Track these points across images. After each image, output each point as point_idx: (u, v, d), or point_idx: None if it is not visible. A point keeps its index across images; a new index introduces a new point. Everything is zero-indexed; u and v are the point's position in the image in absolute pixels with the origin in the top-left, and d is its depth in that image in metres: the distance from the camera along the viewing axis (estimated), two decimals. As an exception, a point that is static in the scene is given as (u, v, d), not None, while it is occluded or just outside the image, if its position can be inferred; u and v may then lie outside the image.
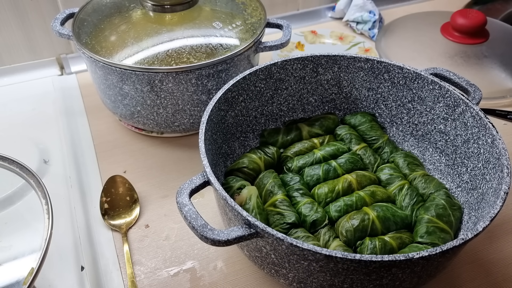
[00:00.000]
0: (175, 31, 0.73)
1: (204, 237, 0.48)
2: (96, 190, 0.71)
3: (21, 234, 0.55)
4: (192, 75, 0.69)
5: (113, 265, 0.62)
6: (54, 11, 0.92)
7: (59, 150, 0.78)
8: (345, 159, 0.66)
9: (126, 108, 0.74)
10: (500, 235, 0.66)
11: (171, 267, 0.62)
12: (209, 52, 0.71)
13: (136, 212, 0.68)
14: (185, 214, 0.49)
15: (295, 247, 0.46)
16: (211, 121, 0.61)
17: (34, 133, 0.81)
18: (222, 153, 0.67)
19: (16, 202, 0.58)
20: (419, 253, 0.45)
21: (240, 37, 0.74)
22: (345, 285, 0.49)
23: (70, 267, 0.62)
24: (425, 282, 0.53)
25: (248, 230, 0.48)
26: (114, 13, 0.77)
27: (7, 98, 0.89)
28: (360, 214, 0.58)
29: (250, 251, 0.54)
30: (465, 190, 0.62)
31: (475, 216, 0.57)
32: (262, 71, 0.68)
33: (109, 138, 0.81)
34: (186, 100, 0.72)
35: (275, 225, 0.59)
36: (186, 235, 0.65)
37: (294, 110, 0.75)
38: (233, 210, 0.50)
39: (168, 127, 0.76)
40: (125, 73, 0.68)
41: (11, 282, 0.49)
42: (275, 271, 0.53)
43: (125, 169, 0.75)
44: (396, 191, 0.63)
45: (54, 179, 0.73)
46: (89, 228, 0.67)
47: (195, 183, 0.53)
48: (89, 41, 0.72)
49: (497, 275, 0.61)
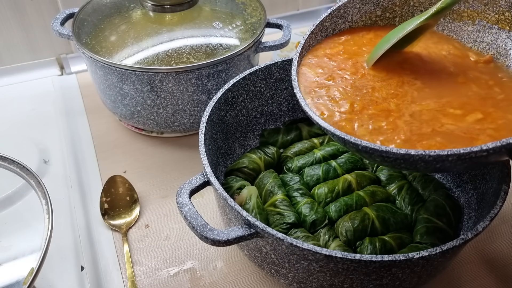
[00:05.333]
0: (175, 31, 0.73)
1: (204, 237, 0.48)
2: (96, 190, 0.71)
3: (21, 234, 0.55)
4: (192, 75, 0.69)
5: (113, 265, 0.62)
6: (54, 11, 0.92)
7: (59, 150, 0.78)
8: (345, 159, 0.66)
9: (126, 108, 0.74)
10: (500, 234, 0.66)
11: (171, 267, 0.62)
12: (209, 52, 0.71)
13: (136, 212, 0.68)
14: (185, 214, 0.50)
15: (295, 247, 0.46)
16: (211, 121, 0.61)
17: (34, 133, 0.81)
18: (222, 153, 0.67)
19: (16, 202, 0.58)
20: (419, 253, 0.45)
21: (240, 37, 0.74)
22: (345, 285, 0.49)
23: (70, 267, 0.62)
24: (425, 282, 0.53)
25: (248, 230, 0.48)
26: (114, 13, 0.77)
27: (7, 98, 0.89)
28: (360, 214, 0.58)
29: (250, 251, 0.54)
30: (465, 190, 0.62)
31: (475, 216, 0.57)
32: (262, 71, 0.68)
33: (109, 138, 0.81)
34: (186, 100, 0.72)
35: (275, 225, 0.59)
36: (186, 235, 0.65)
37: (294, 110, 0.75)
38: (233, 210, 0.50)
39: (168, 127, 0.76)
40: (125, 73, 0.68)
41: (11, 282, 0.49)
42: (275, 271, 0.53)
43: (125, 169, 0.75)
44: (396, 191, 0.63)
45: (54, 179, 0.73)
46: (89, 228, 0.67)
47: (195, 183, 0.53)
48: (89, 41, 0.72)
49: (497, 275, 0.61)
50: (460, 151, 0.40)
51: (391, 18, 0.62)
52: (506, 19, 0.55)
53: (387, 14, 0.61)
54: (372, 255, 0.45)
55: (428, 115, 0.49)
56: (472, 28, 0.58)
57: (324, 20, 0.58)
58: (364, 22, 0.61)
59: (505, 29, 0.55)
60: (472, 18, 0.58)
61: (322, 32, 0.59)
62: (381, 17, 0.61)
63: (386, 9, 0.61)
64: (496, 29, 0.56)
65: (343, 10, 0.59)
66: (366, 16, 0.61)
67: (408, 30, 0.52)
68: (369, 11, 0.60)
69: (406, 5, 0.61)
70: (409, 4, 0.61)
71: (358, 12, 0.60)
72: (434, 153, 0.41)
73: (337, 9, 0.59)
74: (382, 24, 0.62)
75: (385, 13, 0.61)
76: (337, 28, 0.60)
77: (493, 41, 0.57)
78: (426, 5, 0.60)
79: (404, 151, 0.42)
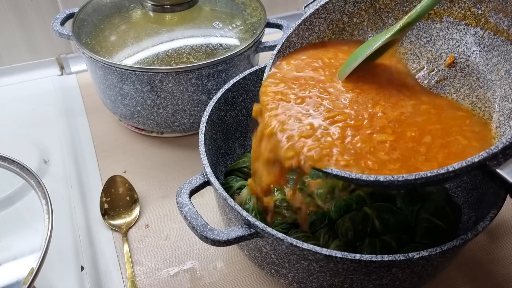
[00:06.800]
0: (175, 31, 0.73)
1: (204, 237, 0.48)
2: (96, 190, 0.71)
3: (21, 234, 0.55)
4: (192, 75, 0.69)
5: (113, 265, 0.62)
6: (54, 11, 0.92)
7: (59, 150, 0.78)
8: (345, 159, 0.66)
9: (126, 108, 0.74)
10: (500, 235, 0.66)
11: (171, 267, 0.62)
12: (209, 52, 0.71)
13: (136, 212, 0.68)
14: (185, 214, 0.50)
15: (295, 247, 0.46)
16: (211, 121, 0.61)
17: (34, 133, 0.81)
18: (222, 153, 0.67)
19: (16, 202, 0.58)
20: (419, 253, 0.45)
21: (240, 37, 0.74)
22: (345, 285, 0.49)
23: (70, 267, 0.62)
24: (425, 282, 0.53)
25: (248, 230, 0.48)
26: (114, 13, 0.77)
27: (7, 98, 0.89)
28: (360, 214, 0.58)
29: (250, 251, 0.54)
30: (465, 190, 0.62)
31: (475, 216, 0.57)
32: (262, 71, 0.68)
33: (109, 138, 0.81)
34: (186, 100, 0.72)
35: (275, 225, 0.59)
36: (186, 235, 0.65)
37: (294, 110, 0.75)
38: (233, 210, 0.50)
39: (168, 127, 0.76)
40: (125, 73, 0.68)
41: (11, 282, 0.49)
42: (275, 271, 0.53)
43: (125, 169, 0.75)
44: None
45: (54, 179, 0.73)
46: (89, 228, 0.67)
47: (195, 183, 0.53)
48: (89, 41, 0.72)
49: (497, 275, 0.61)
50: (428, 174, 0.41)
51: (359, 23, 0.61)
52: (472, 14, 0.55)
53: (355, 20, 0.60)
54: (372, 255, 0.45)
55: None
56: (440, 25, 0.58)
57: (291, 36, 0.58)
58: (332, 31, 0.60)
59: (472, 24, 0.55)
60: (439, 15, 0.58)
61: (290, 48, 0.59)
62: (349, 23, 0.60)
63: (352, 15, 0.60)
64: (464, 25, 0.56)
65: (309, 22, 0.59)
66: (333, 24, 0.60)
67: (374, 48, 0.53)
68: (335, 19, 0.60)
69: (372, 8, 0.60)
70: (375, 7, 0.60)
71: (325, 21, 0.59)
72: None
73: (303, 22, 0.58)
74: (350, 30, 0.61)
75: (352, 19, 0.60)
76: (305, 41, 0.60)
77: (462, 38, 0.56)
78: (392, 5, 0.60)
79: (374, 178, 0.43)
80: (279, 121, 0.50)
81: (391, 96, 0.54)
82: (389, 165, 0.46)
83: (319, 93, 0.53)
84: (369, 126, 0.50)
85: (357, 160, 0.46)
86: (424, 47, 0.59)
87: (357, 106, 0.52)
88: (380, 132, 0.49)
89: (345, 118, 0.50)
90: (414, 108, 0.53)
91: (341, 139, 0.48)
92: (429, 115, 0.52)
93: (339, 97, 0.53)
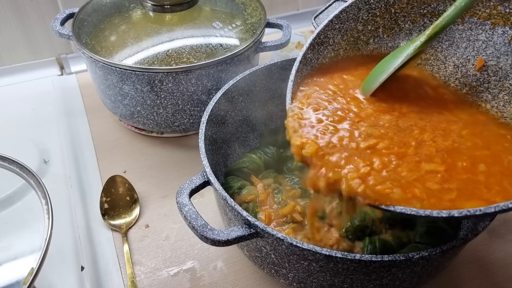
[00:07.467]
0: (175, 31, 0.73)
1: (204, 237, 0.48)
2: (96, 190, 0.71)
3: (21, 234, 0.55)
4: (192, 75, 0.69)
5: (113, 265, 0.62)
6: (54, 11, 0.92)
7: (59, 150, 0.78)
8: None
9: (126, 108, 0.74)
10: (500, 235, 0.66)
11: (171, 267, 0.62)
12: (209, 52, 0.71)
13: (136, 212, 0.68)
14: (185, 214, 0.50)
15: (295, 247, 0.46)
16: (211, 121, 0.61)
17: (34, 133, 0.81)
18: (222, 153, 0.67)
19: (16, 202, 0.58)
20: (419, 253, 0.45)
21: (240, 37, 0.74)
22: (345, 285, 0.49)
23: (70, 267, 0.62)
24: (425, 282, 0.53)
25: (248, 230, 0.48)
26: (114, 13, 0.77)
27: (7, 98, 0.89)
28: (360, 214, 0.58)
29: (250, 251, 0.54)
30: (465, 190, 0.62)
31: (475, 216, 0.57)
32: (262, 71, 0.68)
33: (109, 138, 0.81)
34: (186, 100, 0.72)
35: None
36: (186, 235, 0.65)
37: (294, 110, 0.75)
38: (233, 210, 0.50)
39: (168, 127, 0.76)
40: (125, 73, 0.68)
41: (11, 282, 0.49)
42: (275, 271, 0.53)
43: (125, 169, 0.75)
44: (396, 191, 0.63)
45: (54, 179, 0.73)
46: (89, 228, 0.67)
47: (195, 183, 0.53)
48: (89, 41, 0.72)
49: (497, 275, 0.61)
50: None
51: (374, 30, 0.59)
52: (498, 13, 0.53)
53: (369, 27, 0.58)
54: (372, 255, 0.45)
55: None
56: (462, 26, 0.55)
57: (306, 53, 0.55)
58: (347, 41, 0.58)
59: (500, 24, 0.53)
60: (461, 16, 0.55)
61: (307, 65, 0.56)
62: (363, 31, 0.58)
63: (367, 22, 0.58)
64: (490, 25, 0.54)
65: (323, 35, 0.56)
66: (347, 34, 0.58)
67: (405, 58, 0.50)
68: (350, 29, 0.58)
69: (387, 14, 0.58)
70: (390, 12, 0.58)
71: (339, 32, 0.57)
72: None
73: (317, 36, 0.56)
74: (365, 38, 0.59)
75: (366, 26, 0.58)
76: (320, 56, 0.57)
77: (489, 38, 0.54)
78: (408, 9, 0.58)
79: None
80: (335, 166, 0.47)
81: (440, 122, 0.51)
82: (445, 195, 0.43)
83: (351, 123, 0.50)
84: (414, 154, 0.47)
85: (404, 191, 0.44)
86: (447, 51, 0.57)
87: (398, 130, 0.49)
88: (429, 162, 0.46)
89: (388, 145, 0.47)
90: (459, 134, 0.50)
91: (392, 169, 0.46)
92: (473, 139, 0.49)
93: (378, 121, 0.50)
